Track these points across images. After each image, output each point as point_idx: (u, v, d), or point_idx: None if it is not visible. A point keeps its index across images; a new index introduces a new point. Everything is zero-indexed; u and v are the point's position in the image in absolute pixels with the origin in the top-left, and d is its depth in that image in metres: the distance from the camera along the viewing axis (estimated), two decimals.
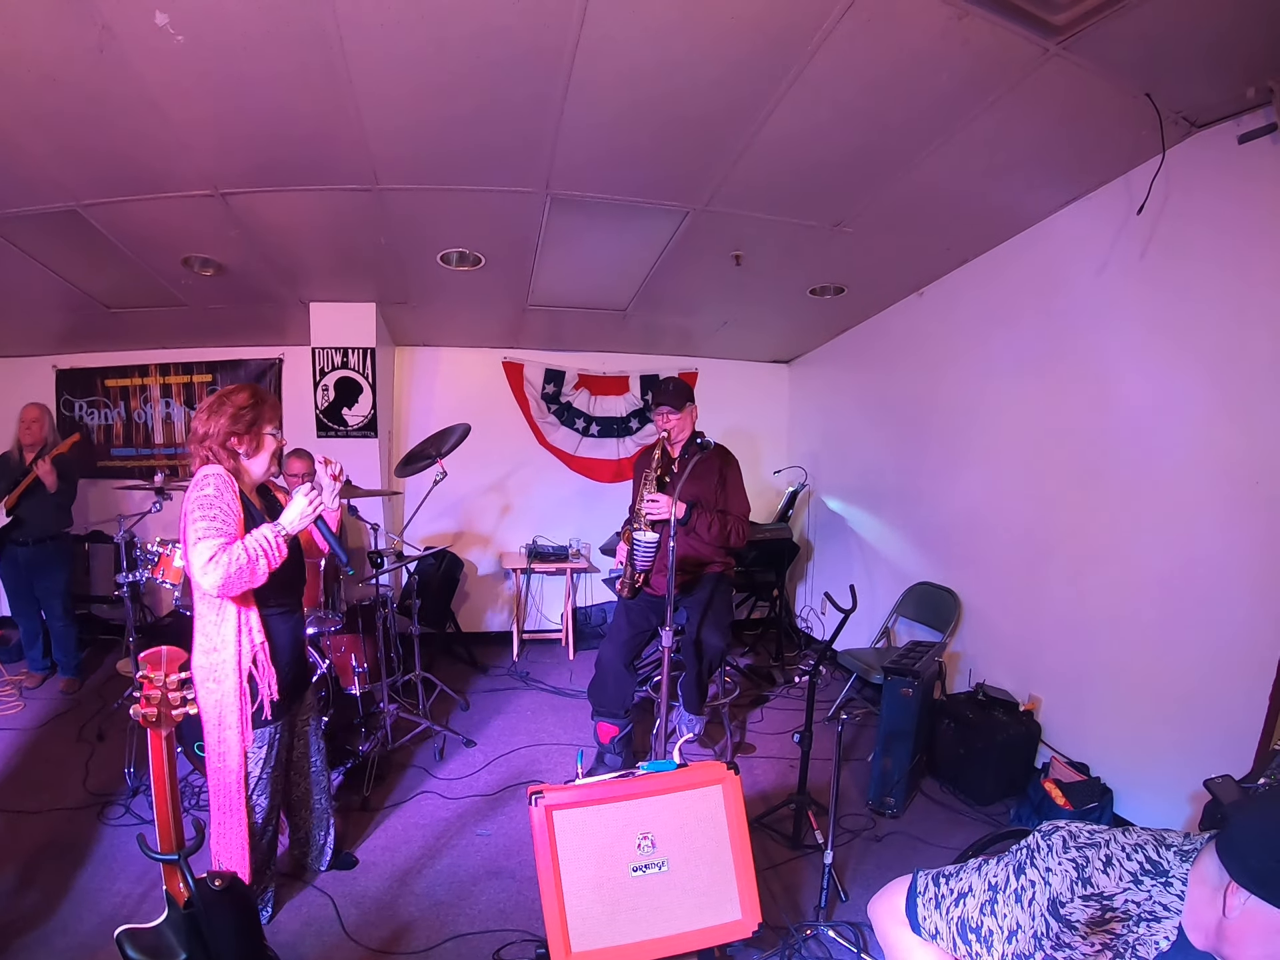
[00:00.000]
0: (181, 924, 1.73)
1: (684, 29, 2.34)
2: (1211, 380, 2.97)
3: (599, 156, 3.16)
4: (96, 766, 3.71)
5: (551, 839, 2.00)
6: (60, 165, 3.09)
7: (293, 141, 2.99)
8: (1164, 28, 2.29)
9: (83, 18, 2.20)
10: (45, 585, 4.71)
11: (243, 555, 2.18)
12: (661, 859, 2.07)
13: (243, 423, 2.39)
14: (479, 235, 4.01)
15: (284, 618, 2.51)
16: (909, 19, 2.29)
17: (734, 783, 2.14)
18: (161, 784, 1.75)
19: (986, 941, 1.33)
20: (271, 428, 2.48)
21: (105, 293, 4.70)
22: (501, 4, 2.22)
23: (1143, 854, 1.24)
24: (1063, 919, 1.25)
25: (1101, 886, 1.23)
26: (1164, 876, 1.21)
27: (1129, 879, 1.22)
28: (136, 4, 2.17)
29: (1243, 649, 2.80)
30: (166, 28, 2.25)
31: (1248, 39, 2.35)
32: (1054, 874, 1.28)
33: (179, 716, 1.78)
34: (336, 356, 5.19)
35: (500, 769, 3.87)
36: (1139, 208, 3.10)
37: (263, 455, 2.47)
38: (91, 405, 5.93)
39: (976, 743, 3.62)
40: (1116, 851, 1.26)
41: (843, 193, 3.48)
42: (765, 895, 2.80)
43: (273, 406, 2.52)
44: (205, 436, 2.38)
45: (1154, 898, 1.20)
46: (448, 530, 6.15)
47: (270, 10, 2.22)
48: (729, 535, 3.67)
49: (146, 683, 1.76)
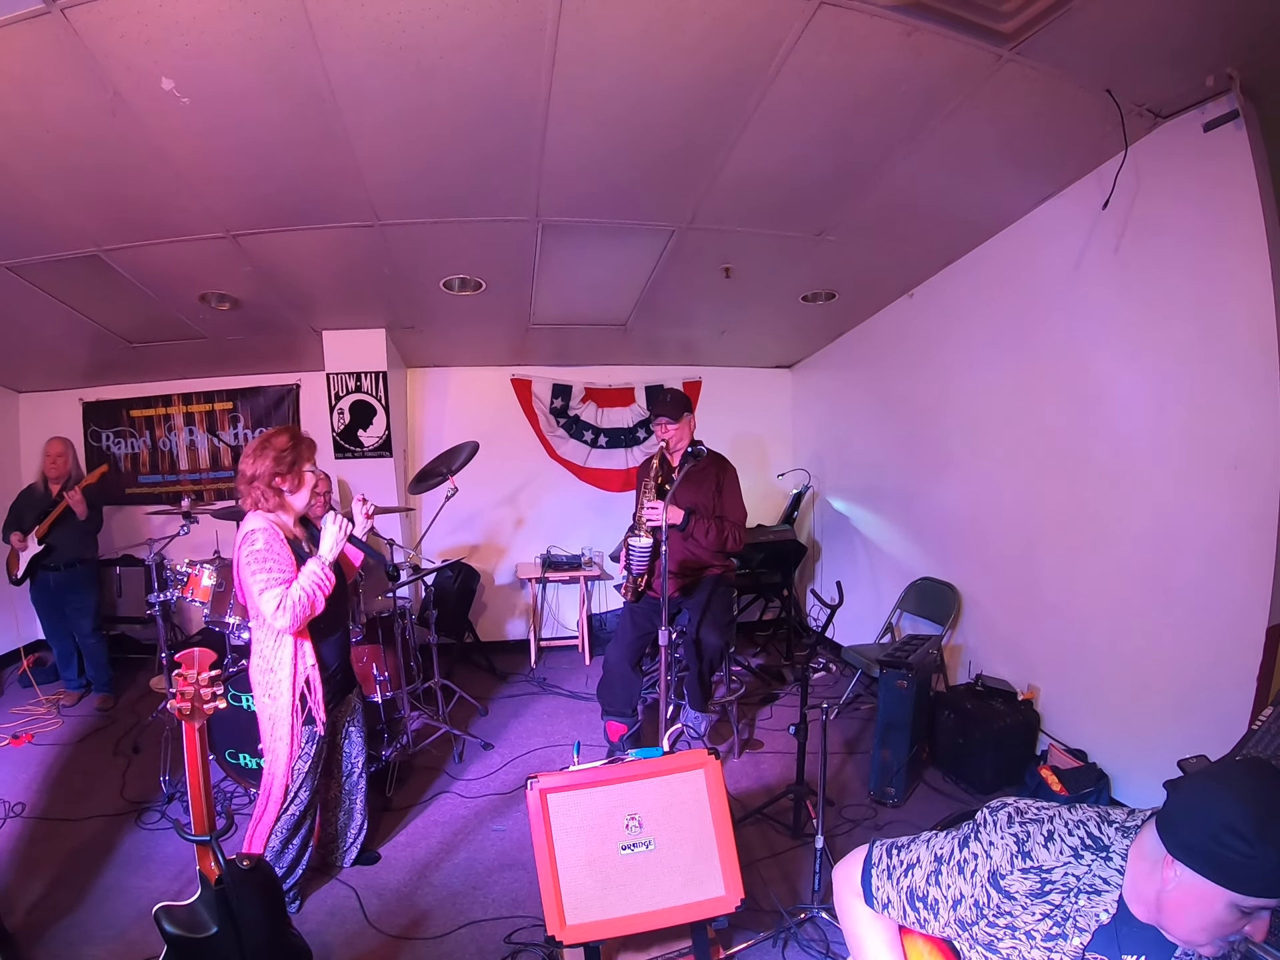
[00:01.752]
0: (213, 900, 1.92)
1: (647, 71, 2.52)
2: (1186, 366, 3.02)
3: (582, 186, 3.35)
4: (133, 777, 3.92)
5: (546, 820, 2.17)
6: (81, 214, 3.32)
7: (296, 188, 3.22)
8: (1117, 24, 2.36)
9: (95, 84, 2.41)
10: (75, 605, 4.97)
11: (302, 595, 2.52)
12: (648, 838, 2.22)
13: (285, 463, 2.67)
14: (478, 262, 4.19)
15: (333, 637, 2.80)
16: (862, 39, 2.40)
17: (715, 767, 2.29)
18: (195, 770, 1.97)
19: (933, 909, 1.41)
20: (309, 465, 2.76)
21: (127, 329, 4.93)
22: (480, 59, 2.42)
23: (1084, 830, 1.32)
24: (1002, 890, 1.33)
25: (1041, 860, 1.31)
26: (1104, 851, 1.29)
27: (1069, 853, 1.30)
28: (144, 71, 2.38)
29: (1229, 631, 2.86)
30: (173, 92, 2.47)
31: (1202, 29, 2.41)
32: (995, 847, 1.35)
33: (210, 710, 2.01)
34: (350, 381, 5.40)
35: (517, 769, 4.03)
36: (1104, 203, 3.19)
37: (304, 491, 2.77)
38: (118, 435, 6.17)
39: (975, 732, 3.70)
40: (1059, 827, 1.33)
41: (820, 205, 3.61)
42: (764, 881, 2.96)
43: (309, 446, 2.79)
44: (254, 477, 2.67)
45: (1094, 871, 1.28)
46: (465, 543, 6.33)
47: (266, 72, 2.42)
48: (726, 540, 3.82)
49: (181, 680, 1.99)
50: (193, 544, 4.62)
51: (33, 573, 4.85)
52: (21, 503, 4.94)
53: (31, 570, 4.83)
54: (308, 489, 2.77)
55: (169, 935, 1.90)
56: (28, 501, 4.91)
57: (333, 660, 2.81)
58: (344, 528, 2.69)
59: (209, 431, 6.13)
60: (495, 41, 2.34)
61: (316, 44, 2.31)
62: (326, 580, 2.59)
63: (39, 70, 2.34)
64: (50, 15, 2.11)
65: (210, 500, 6.00)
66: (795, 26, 2.33)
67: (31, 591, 4.97)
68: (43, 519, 4.77)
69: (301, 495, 2.77)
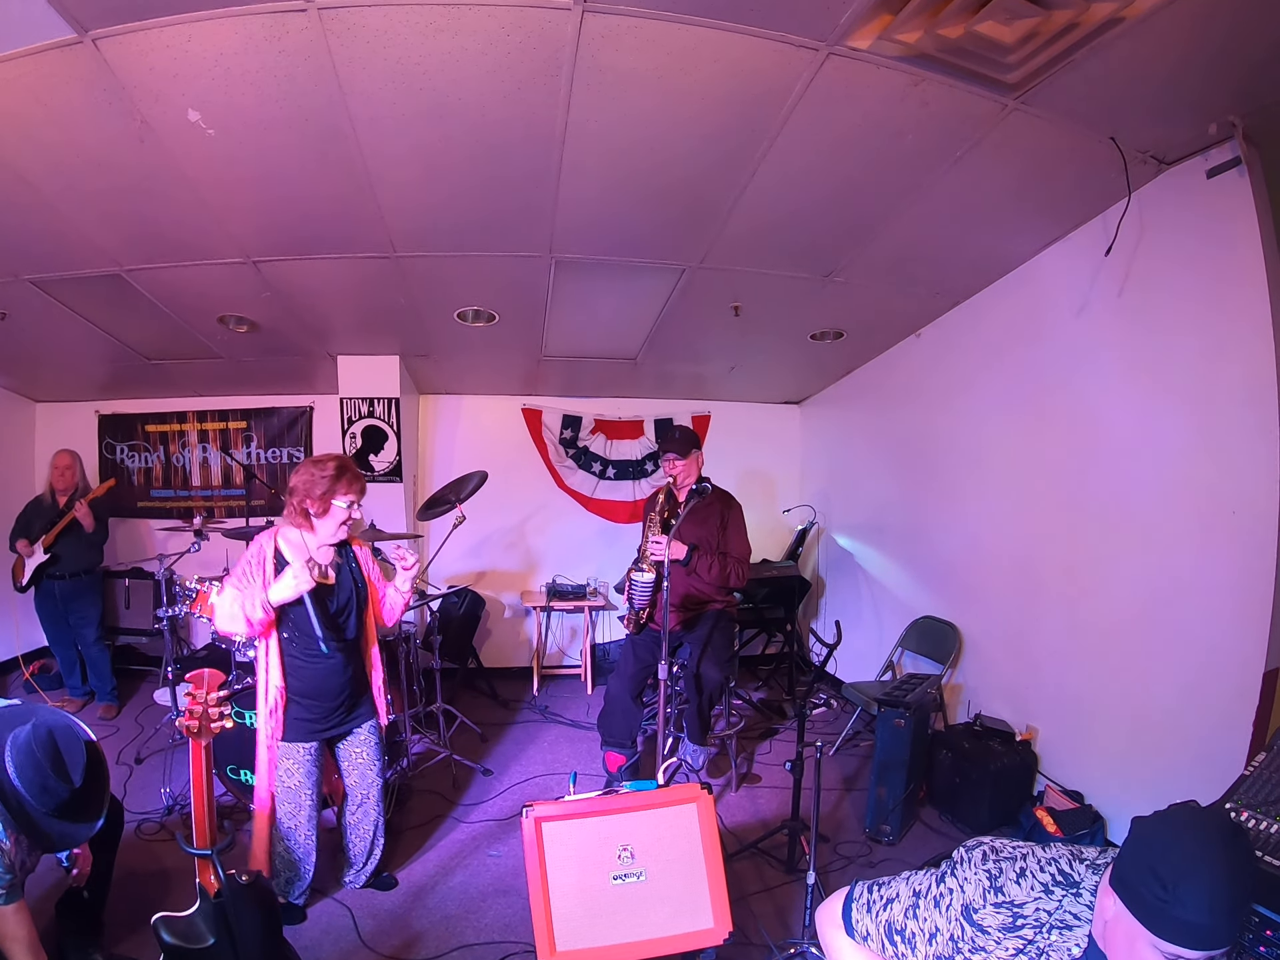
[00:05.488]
0: (211, 913, 1.96)
1: (661, 112, 2.61)
2: (1187, 412, 3.06)
3: (595, 225, 3.46)
4: (134, 787, 3.96)
5: (540, 848, 2.20)
6: (105, 236, 3.45)
7: (315, 218, 3.34)
8: (1119, 75, 2.44)
9: (123, 114, 2.54)
10: (79, 614, 5.05)
11: (229, 607, 2.62)
12: (640, 869, 2.25)
13: (318, 490, 2.73)
14: (492, 294, 4.30)
15: (311, 661, 2.80)
16: (867, 89, 2.49)
17: (707, 802, 2.31)
18: (199, 786, 2.04)
19: (910, 943, 1.45)
20: (345, 500, 2.77)
21: (145, 346, 5.05)
22: (498, 100, 2.52)
23: (1055, 867, 1.36)
24: (975, 924, 1.37)
25: (1012, 895, 1.35)
26: (1075, 888, 1.32)
27: (1040, 889, 1.34)
28: (171, 103, 2.50)
29: (1225, 675, 2.87)
30: (198, 123, 2.58)
31: (1205, 77, 2.48)
32: (969, 883, 1.40)
33: (217, 729, 2.08)
34: (363, 406, 5.50)
35: (515, 796, 4.04)
36: (1107, 249, 3.24)
37: (328, 520, 2.80)
38: (132, 449, 6.27)
39: (972, 772, 3.70)
40: (1031, 864, 1.37)
41: (828, 247, 3.70)
42: (756, 915, 2.96)
43: (349, 482, 2.79)
44: (293, 491, 2.77)
45: (1064, 907, 1.31)
46: (472, 570, 6.38)
47: (289, 107, 2.54)
48: (729, 576, 3.86)
49: (190, 699, 2.07)
50: (202, 560, 4.68)
51: (37, 580, 4.94)
52: (29, 512, 5.04)
53: (36, 578, 4.93)
54: (335, 521, 2.79)
55: (167, 945, 1.95)
56: (35, 511, 5.02)
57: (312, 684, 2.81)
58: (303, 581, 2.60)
59: (222, 449, 6.22)
60: (512, 82, 2.45)
61: (339, 82, 2.42)
62: (255, 611, 2.59)
63: (70, 98, 2.46)
64: (82, 45, 2.22)
65: (221, 517, 6.07)
66: (804, 75, 2.43)
67: (36, 599, 5.05)
68: (49, 529, 4.87)
69: (326, 524, 2.80)
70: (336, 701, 2.88)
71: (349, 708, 2.94)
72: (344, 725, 2.95)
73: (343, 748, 3.00)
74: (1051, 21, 2.19)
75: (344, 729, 2.96)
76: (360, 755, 3.01)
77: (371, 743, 3.03)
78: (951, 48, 2.31)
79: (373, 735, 3.04)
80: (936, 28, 2.22)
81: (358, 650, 2.98)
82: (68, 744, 2.13)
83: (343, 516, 2.79)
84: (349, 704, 2.94)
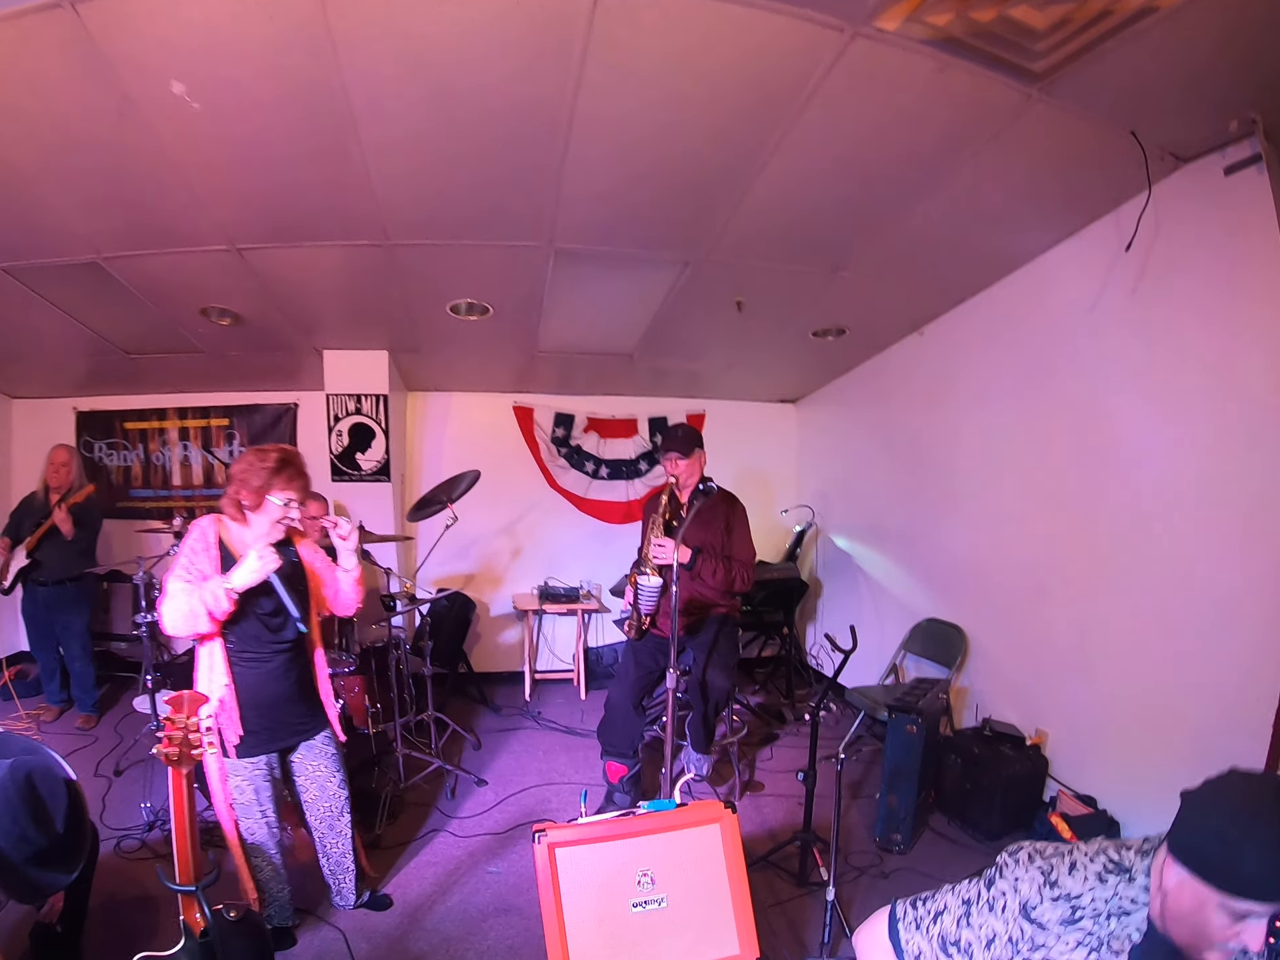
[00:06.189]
0: (198, 953, 1.80)
1: (674, 98, 2.49)
2: (1206, 412, 3.00)
3: (600, 214, 3.32)
4: (113, 801, 3.78)
5: (554, 875, 2.06)
6: (83, 219, 3.26)
7: (306, 202, 3.17)
8: (1144, 68, 2.37)
9: (103, 85, 2.35)
10: (64, 626, 4.83)
11: (184, 603, 2.36)
12: (661, 895, 2.12)
13: (255, 480, 2.50)
14: (487, 286, 4.15)
15: (258, 663, 2.59)
16: (891, 74, 2.39)
17: (731, 821, 2.19)
18: (181, 819, 1.85)
19: (967, 952, 1.42)
20: (282, 497, 2.52)
21: (125, 339, 4.86)
22: (504, 77, 2.38)
23: (1105, 856, 1.35)
24: (1035, 921, 1.34)
25: (1068, 887, 1.33)
26: (1127, 873, 1.31)
27: (1094, 878, 1.32)
28: (155, 74, 2.32)
29: (1245, 679, 2.81)
30: (183, 96, 2.40)
31: (1230, 73, 2.42)
32: (1022, 881, 1.37)
33: (199, 756, 1.88)
34: (350, 403, 5.33)
35: (511, 807, 3.91)
36: (1127, 244, 3.16)
37: (261, 518, 2.56)
38: (111, 447, 6.06)
39: (983, 778, 3.63)
40: (1080, 857, 1.36)
41: (838, 241, 3.59)
42: (771, 931, 2.85)
43: (289, 478, 2.55)
44: (230, 479, 2.56)
45: (1120, 893, 1.31)
46: (461, 572, 6.23)
47: (282, 81, 2.38)
48: (734, 581, 3.71)
49: (169, 724, 1.87)
50: None
51: (23, 582, 4.72)
52: (21, 510, 4.82)
53: (23, 578, 4.70)
54: (269, 520, 2.55)
55: None
56: (27, 509, 4.80)
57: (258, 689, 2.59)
58: (266, 563, 2.41)
59: (204, 447, 6.04)
60: (521, 61, 2.31)
61: (337, 56, 2.26)
62: (219, 603, 2.36)
63: (49, 67, 2.29)
64: (62, 9, 2.06)
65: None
66: (827, 58, 2.32)
67: (22, 601, 4.85)
68: (36, 530, 4.65)
69: (259, 522, 2.57)
70: (282, 711, 2.66)
71: (297, 716, 2.72)
72: (295, 736, 2.72)
73: (297, 761, 2.76)
74: (1086, 8, 2.12)
75: (295, 740, 2.73)
76: (318, 768, 2.78)
77: (328, 753, 2.80)
78: (981, 32, 2.23)
79: (328, 745, 2.81)
80: (969, 10, 2.15)
81: (301, 654, 2.74)
82: (48, 789, 1.97)
83: (277, 514, 2.55)
84: (296, 712, 2.71)
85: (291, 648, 2.67)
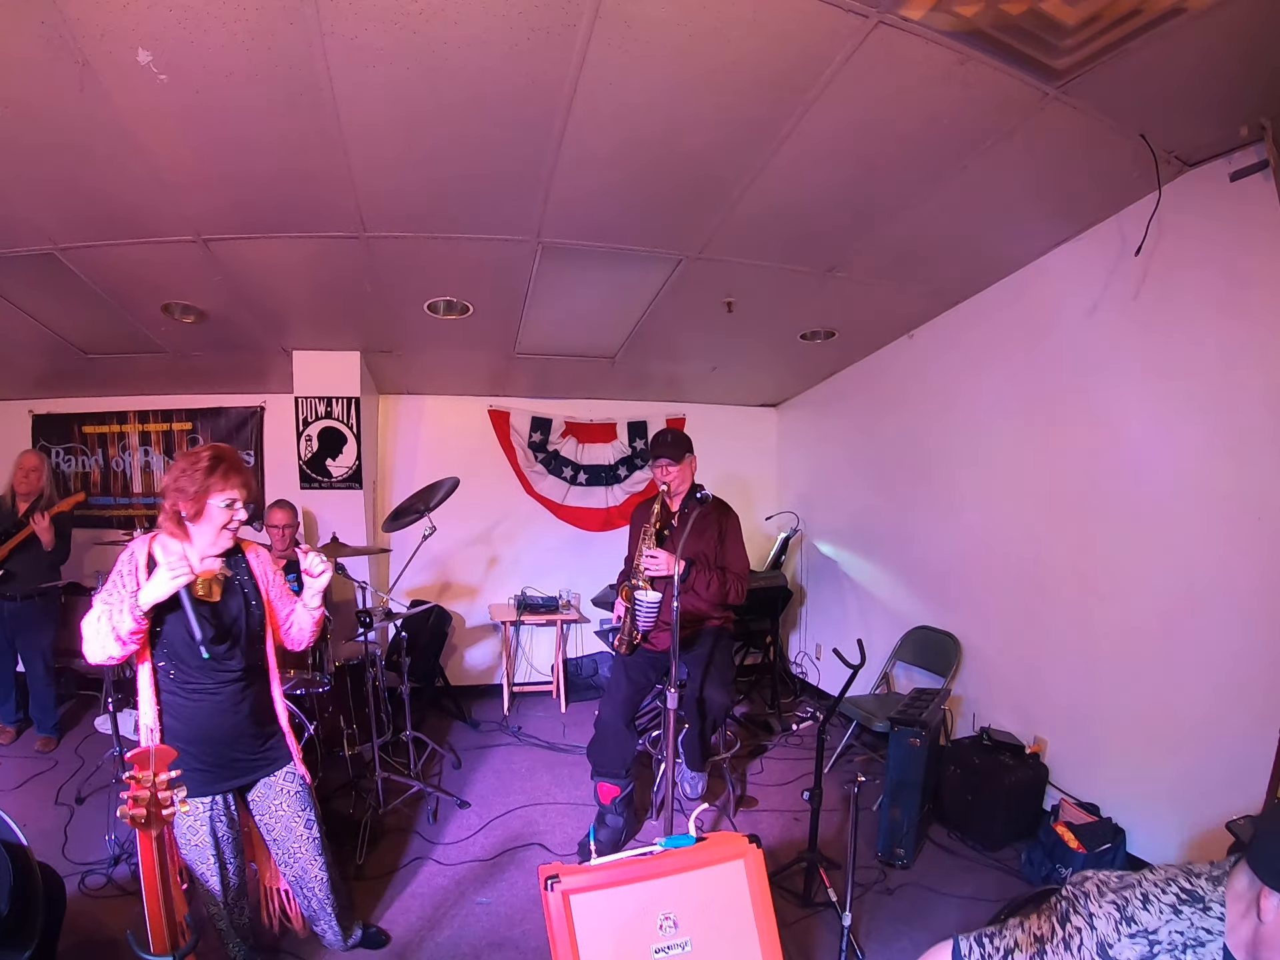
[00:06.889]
0: None
1: (684, 86, 2.36)
2: (1206, 416, 3.00)
3: (593, 208, 3.17)
4: (75, 832, 3.53)
5: (570, 925, 1.88)
6: (38, 206, 3.01)
7: (279, 189, 2.95)
8: (1161, 70, 2.33)
9: (62, 53, 2.11)
10: (28, 643, 4.55)
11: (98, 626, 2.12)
12: (684, 939, 1.96)
13: (190, 486, 2.23)
14: (468, 283, 3.97)
15: (203, 694, 2.32)
16: (910, 65, 2.30)
17: (756, 856, 2.04)
18: (152, 886, 1.62)
19: None
20: (223, 498, 2.26)
21: (83, 338, 4.59)
22: (501, 59, 2.22)
23: (1176, 885, 1.31)
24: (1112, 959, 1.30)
25: (1145, 923, 1.29)
26: (1201, 902, 1.28)
27: (1169, 911, 1.28)
28: (118, 40, 2.08)
29: (1247, 682, 2.82)
30: (149, 66, 2.18)
31: (1246, 77, 2.39)
32: (1098, 918, 1.32)
33: (169, 816, 1.65)
34: (320, 406, 5.10)
35: (497, 831, 3.73)
36: (1136, 248, 3.12)
37: (204, 526, 2.28)
38: (69, 452, 5.75)
39: (983, 788, 3.58)
40: (1151, 888, 1.32)
41: (836, 239, 3.50)
42: None
43: (226, 474, 2.27)
44: (164, 491, 2.29)
45: (1195, 924, 1.27)
46: (433, 582, 6.02)
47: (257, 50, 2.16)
48: (728, 593, 3.56)
49: (134, 783, 1.62)
50: None
51: None
52: None
53: None
54: (213, 526, 2.27)
55: None
56: None
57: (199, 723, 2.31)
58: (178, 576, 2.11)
59: (165, 453, 5.74)
60: (520, 37, 2.13)
61: (320, 22, 2.05)
62: (125, 621, 2.09)
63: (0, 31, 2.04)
64: None
65: None
66: (848, 46, 2.20)
67: None
68: (5, 539, 4.34)
69: (203, 531, 2.28)
70: (233, 747, 2.38)
71: (251, 752, 2.44)
72: (250, 774, 2.45)
73: (256, 800, 2.49)
74: (1117, 5, 2.07)
75: (250, 778, 2.45)
76: (280, 807, 2.49)
77: (291, 790, 2.51)
78: (1009, 25, 2.16)
79: (291, 782, 2.52)
80: (1000, 1, 2.06)
81: (255, 683, 2.45)
82: None
83: (222, 519, 2.27)
84: (250, 748, 2.43)
85: (242, 676, 2.39)
